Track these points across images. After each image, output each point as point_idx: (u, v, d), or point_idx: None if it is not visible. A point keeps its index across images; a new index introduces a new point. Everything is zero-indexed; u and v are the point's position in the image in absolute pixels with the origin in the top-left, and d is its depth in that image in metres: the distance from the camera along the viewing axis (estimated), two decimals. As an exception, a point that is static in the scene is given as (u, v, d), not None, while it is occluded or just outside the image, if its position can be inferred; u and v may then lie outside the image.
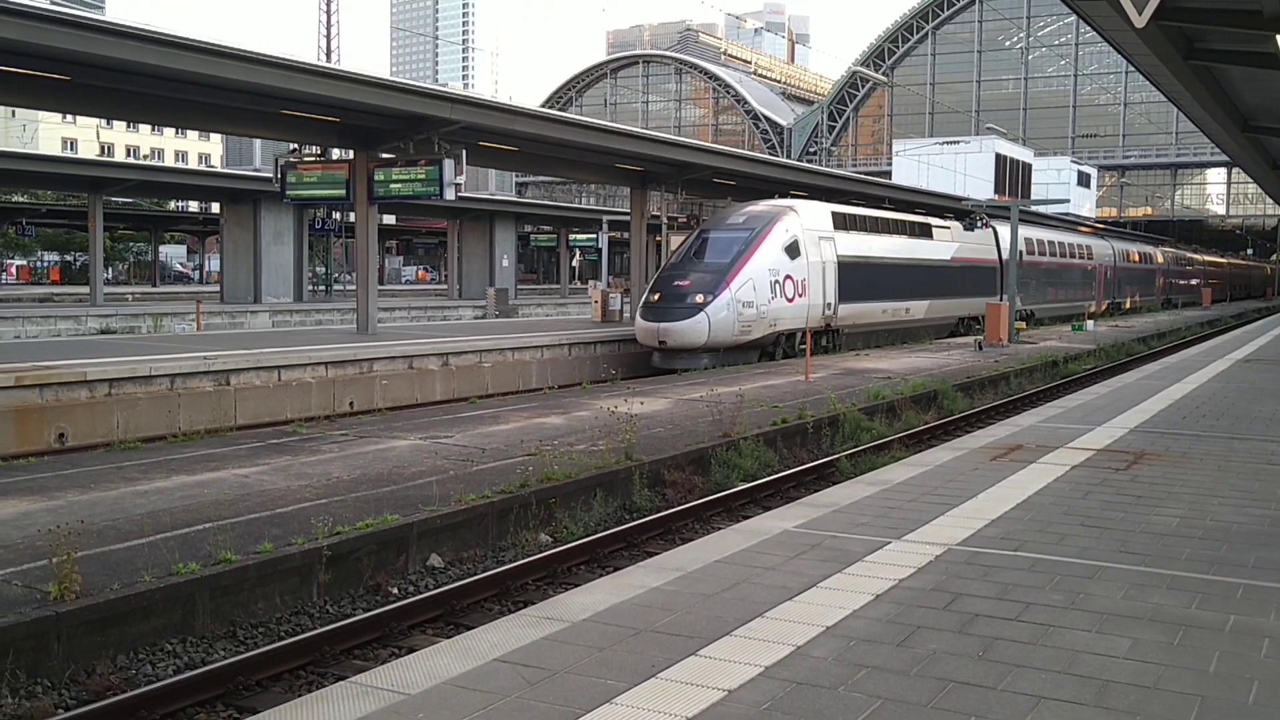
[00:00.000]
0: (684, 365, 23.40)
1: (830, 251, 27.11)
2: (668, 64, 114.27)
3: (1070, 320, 43.35)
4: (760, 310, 24.32)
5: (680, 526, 11.25)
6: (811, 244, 26.30)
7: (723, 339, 23.73)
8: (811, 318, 26.30)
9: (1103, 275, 50.90)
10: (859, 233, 29.30)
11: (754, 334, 24.49)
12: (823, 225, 27.44)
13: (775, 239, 25.26)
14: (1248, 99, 24.04)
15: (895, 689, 4.82)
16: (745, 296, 23.96)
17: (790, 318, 25.57)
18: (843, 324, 28.17)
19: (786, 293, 25.09)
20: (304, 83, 18.50)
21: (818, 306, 26.54)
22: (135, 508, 9.47)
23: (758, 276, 24.32)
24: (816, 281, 26.31)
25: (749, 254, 24.55)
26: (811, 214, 27.32)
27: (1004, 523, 8.08)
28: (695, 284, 23.93)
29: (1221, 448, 11.77)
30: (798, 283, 25.51)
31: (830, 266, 26.98)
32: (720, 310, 23.54)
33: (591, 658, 5.21)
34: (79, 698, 6.72)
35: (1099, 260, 51.15)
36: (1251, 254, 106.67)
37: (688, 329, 23.44)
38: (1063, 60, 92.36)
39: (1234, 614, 5.96)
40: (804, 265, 25.81)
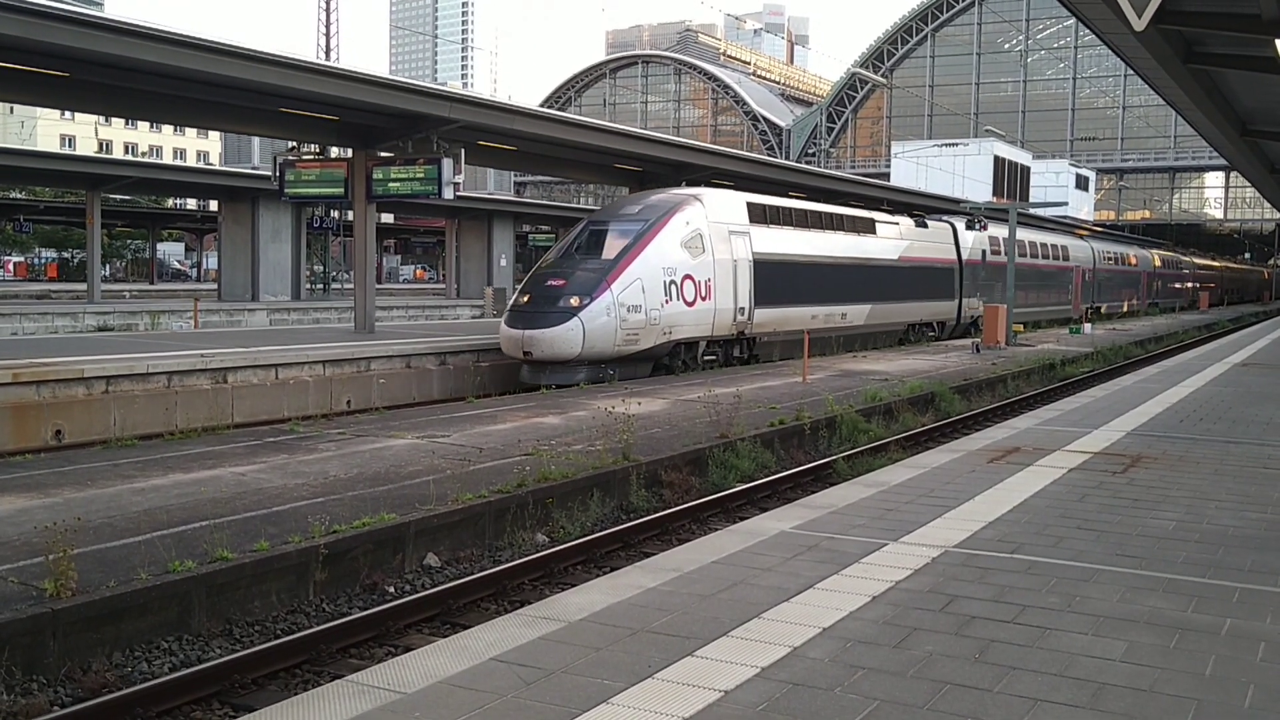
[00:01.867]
0: (554, 381, 19.81)
1: (744, 248, 23.84)
2: (667, 64, 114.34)
3: (1040, 326, 41.42)
4: (651, 316, 20.94)
5: (677, 527, 11.25)
6: (720, 239, 23.05)
7: (602, 349, 20.34)
8: (719, 324, 23.06)
9: (1080, 278, 48.51)
10: (782, 227, 25.84)
11: (642, 343, 21.07)
12: (735, 218, 24.07)
13: (672, 232, 21.97)
14: (1246, 103, 24.06)
15: (892, 690, 4.83)
16: (631, 299, 20.57)
17: (690, 324, 22.19)
18: (760, 331, 24.67)
19: (686, 295, 21.77)
20: (303, 81, 18.49)
21: (727, 311, 23.16)
22: (132, 505, 9.46)
23: (648, 276, 21.01)
24: (725, 282, 22.99)
25: (638, 250, 21.24)
26: (721, 205, 23.95)
27: (1001, 525, 8.09)
28: (571, 284, 20.57)
29: (1218, 451, 11.78)
30: (700, 284, 22.21)
31: (744, 265, 23.66)
32: (598, 316, 20.11)
33: (588, 658, 5.21)
34: (74, 695, 6.71)
35: (1077, 262, 48.52)
36: (1249, 258, 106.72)
37: (557, 338, 19.90)
38: (1061, 63, 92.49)
39: (1230, 617, 5.97)
40: (709, 263, 22.55)
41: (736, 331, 23.78)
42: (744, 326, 23.95)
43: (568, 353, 19.99)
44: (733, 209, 24.26)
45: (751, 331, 24.31)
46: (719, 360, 23.63)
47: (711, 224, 22.92)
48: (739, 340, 24.24)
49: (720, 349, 23.73)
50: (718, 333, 23.14)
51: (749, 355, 24.83)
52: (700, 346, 22.98)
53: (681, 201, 22.98)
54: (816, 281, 26.74)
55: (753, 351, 24.87)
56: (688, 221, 22.40)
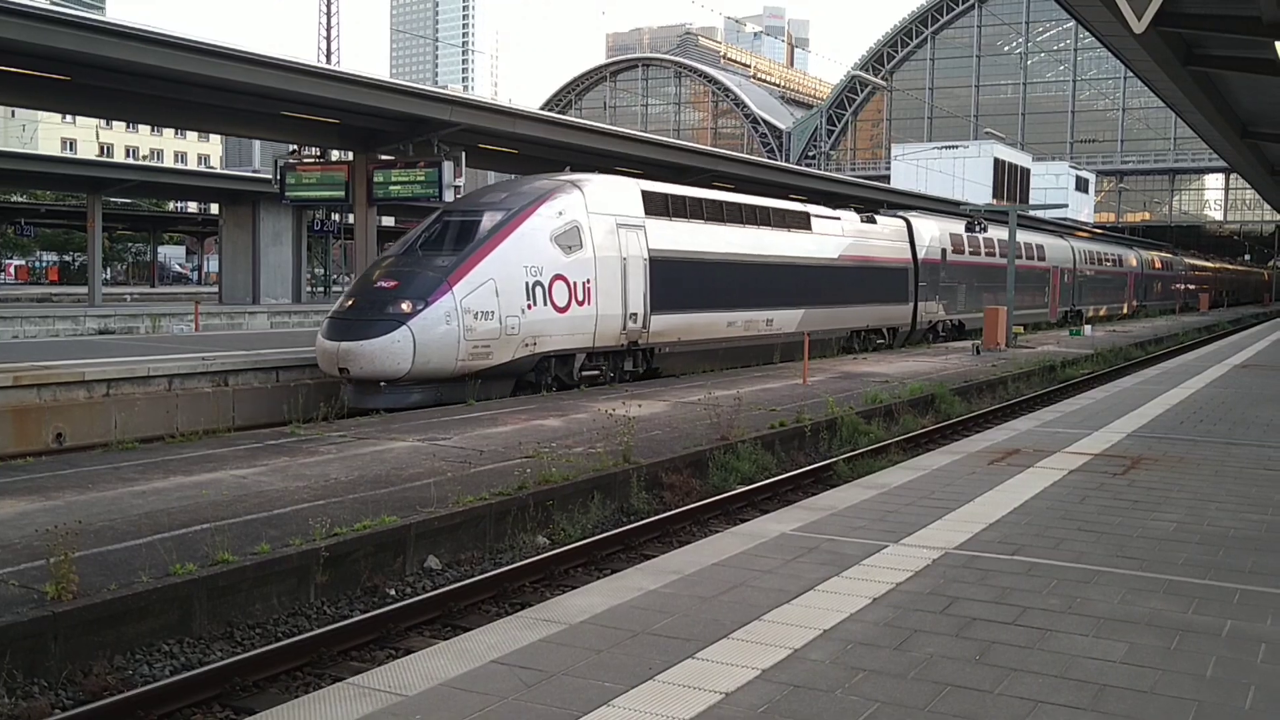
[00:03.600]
0: (380, 404, 16.51)
1: (638, 244, 20.60)
2: (667, 67, 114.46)
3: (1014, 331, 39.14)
4: (507, 324, 17.55)
5: (678, 529, 11.25)
6: (604, 233, 19.79)
7: (439, 365, 16.84)
8: (602, 333, 19.70)
9: (1058, 279, 45.37)
10: (688, 220, 22.56)
11: (496, 357, 17.55)
12: (626, 209, 20.71)
13: (539, 225, 18.59)
14: (1246, 105, 24.09)
15: (892, 692, 4.83)
16: (480, 304, 17.16)
17: (562, 334, 18.80)
18: (659, 341, 21.43)
19: (556, 299, 18.45)
20: (304, 84, 18.51)
21: (614, 318, 19.88)
22: (133, 508, 9.47)
23: (504, 276, 17.63)
24: (611, 284, 19.75)
25: (492, 244, 17.86)
26: (607, 193, 20.56)
27: (1001, 527, 8.09)
28: (405, 286, 17.12)
29: (1218, 453, 11.78)
30: (576, 285, 18.92)
31: (637, 264, 20.46)
32: (435, 324, 16.61)
33: (589, 660, 5.21)
34: (76, 698, 6.72)
35: (1054, 262, 45.18)
36: (1249, 259, 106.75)
37: (379, 352, 16.25)
38: (1061, 65, 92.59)
39: (1231, 619, 5.97)
40: (588, 262, 19.26)
41: (627, 342, 20.43)
42: (637, 336, 20.64)
43: (392, 369, 16.43)
44: (623, 199, 20.90)
45: (648, 341, 21.07)
46: (604, 376, 20.33)
47: (594, 215, 19.63)
48: (631, 352, 20.91)
49: (606, 362, 20.42)
50: (601, 343, 19.78)
51: (646, 369, 21.57)
52: (577, 360, 19.50)
53: (555, 189, 19.63)
54: (734, 283, 23.54)
55: (651, 365, 21.62)
56: (561, 211, 19.06)
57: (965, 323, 36.22)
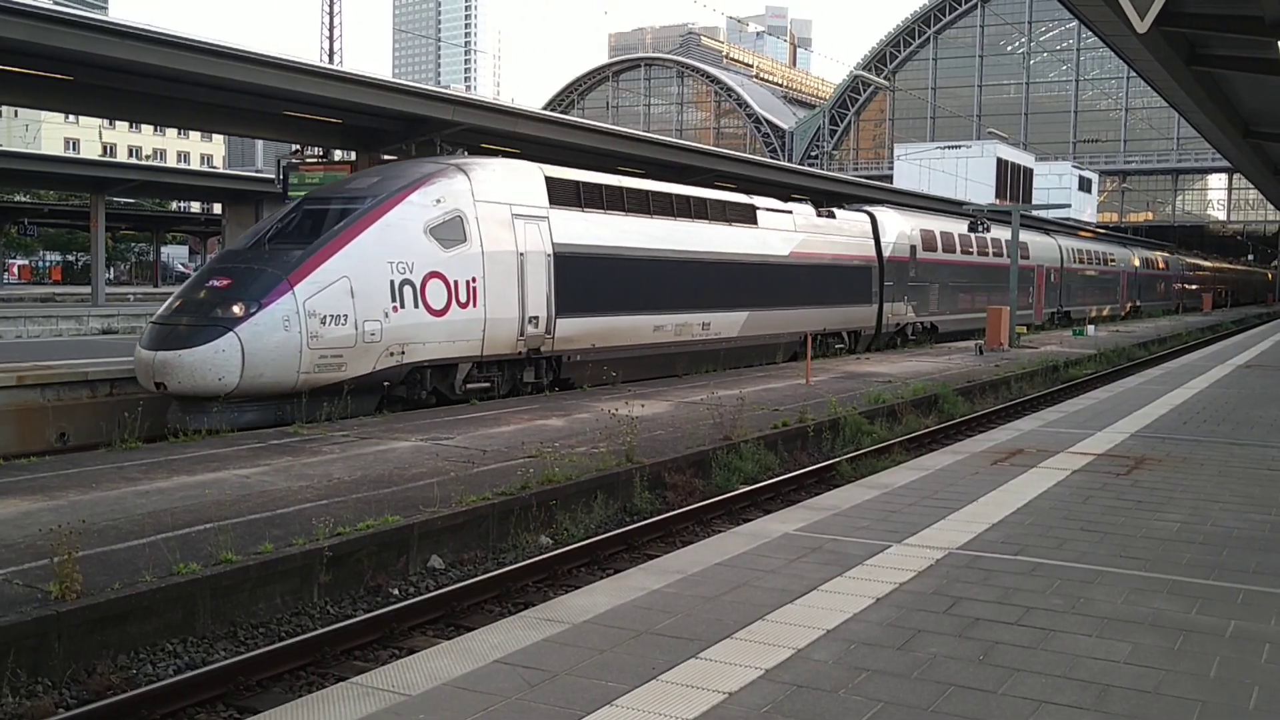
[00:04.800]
0: (210, 425, 14.00)
1: (540, 238, 18.24)
2: (669, 67, 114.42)
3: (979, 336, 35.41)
4: (366, 329, 15.20)
5: (681, 529, 11.26)
6: (496, 225, 17.41)
7: (277, 378, 14.46)
8: (493, 339, 17.28)
9: (1043, 279, 42.95)
10: (603, 212, 20.18)
11: (352, 368, 15.16)
12: (524, 198, 18.29)
13: (409, 215, 16.27)
14: (1249, 104, 24.08)
15: (896, 692, 4.83)
16: (329, 306, 14.80)
17: (440, 340, 16.34)
18: (568, 347, 19.01)
19: (431, 301, 16.10)
20: (307, 84, 18.51)
21: (507, 323, 17.47)
22: (136, 508, 9.48)
23: (361, 273, 15.31)
24: (504, 283, 17.35)
25: (348, 236, 15.50)
26: (500, 180, 18.07)
27: (1005, 527, 8.09)
28: (239, 285, 14.75)
29: (1222, 453, 11.78)
30: (458, 285, 16.55)
31: (538, 260, 18.08)
32: (270, 330, 14.28)
33: (592, 659, 5.22)
34: (79, 697, 6.73)
35: (1039, 260, 42.56)
36: (1252, 260, 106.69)
37: (200, 363, 13.88)
38: (1064, 65, 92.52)
39: (1234, 619, 5.97)
40: (474, 258, 16.86)
41: (526, 349, 18.09)
42: (539, 342, 18.30)
43: (214, 384, 13.99)
44: (521, 186, 18.44)
45: (554, 348, 18.71)
46: (496, 389, 17.94)
47: (482, 204, 17.24)
48: (531, 360, 18.55)
49: (500, 373, 18.05)
50: (492, 350, 17.41)
51: (554, 379, 19.21)
52: (460, 371, 17.06)
53: (434, 173, 17.28)
54: (662, 283, 21.25)
55: (559, 375, 19.26)
56: (439, 200, 16.71)
57: (938, 325, 33.98)
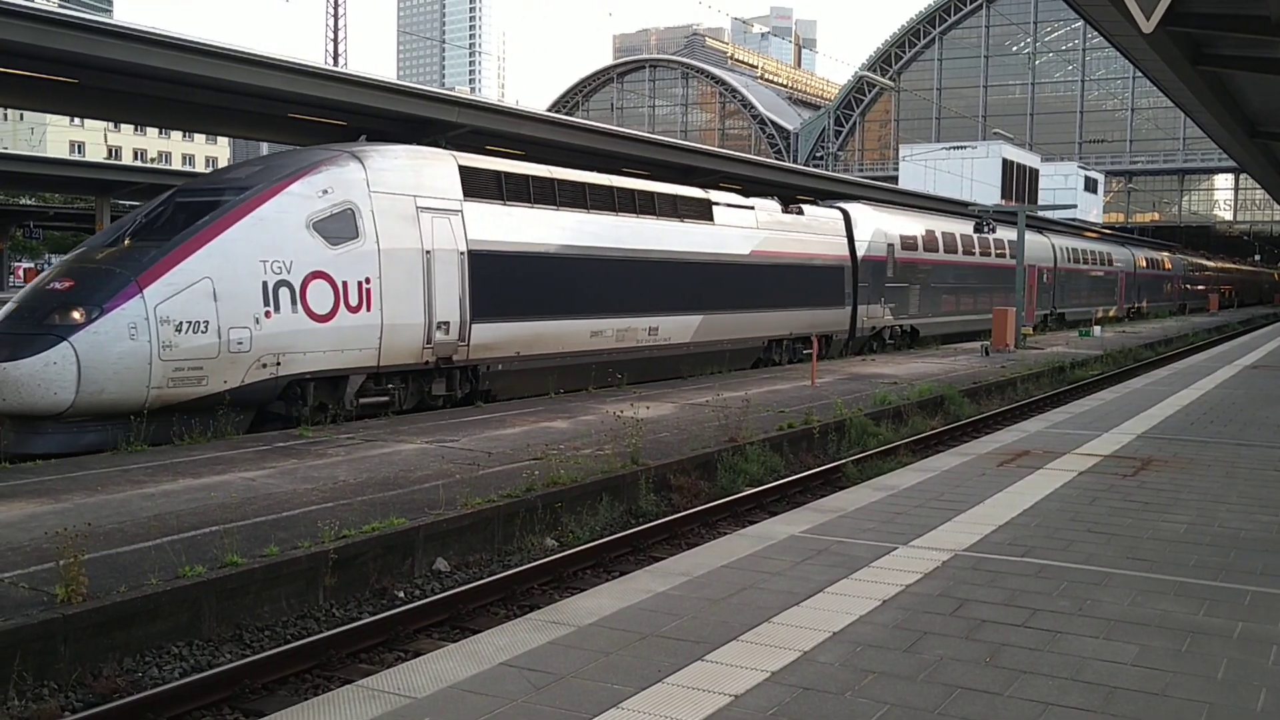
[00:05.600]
0: (37, 449, 12.47)
1: (450, 234, 16.42)
2: (674, 68, 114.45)
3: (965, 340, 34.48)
4: (233, 337, 13.51)
5: (686, 531, 11.25)
6: (396, 220, 15.66)
7: (122, 394, 12.75)
8: (392, 348, 15.47)
9: (1035, 279, 40.54)
10: (529, 206, 18.30)
11: (215, 382, 13.43)
12: (431, 189, 16.46)
13: (288, 207, 14.51)
14: (1256, 104, 24.03)
15: (902, 694, 4.82)
16: (186, 311, 13.09)
17: (326, 349, 14.56)
18: (487, 356, 17.23)
19: (314, 305, 14.37)
20: (311, 86, 18.54)
21: (410, 329, 15.67)
22: (142, 510, 9.49)
23: (227, 274, 13.57)
24: (407, 284, 15.64)
25: (212, 232, 13.76)
26: (402, 170, 16.23)
27: (1011, 529, 8.07)
28: (82, 286, 13.12)
29: (1229, 454, 11.75)
30: (348, 287, 14.81)
31: (449, 259, 16.31)
32: (113, 339, 12.62)
33: (598, 662, 5.21)
34: (86, 700, 6.73)
35: (1031, 260, 39.84)
36: (1259, 260, 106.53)
37: (28, 378, 12.24)
38: (1070, 65, 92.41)
39: (1242, 621, 5.95)
40: (368, 256, 15.13)
41: (435, 358, 16.28)
42: (451, 350, 16.46)
43: (47, 402, 12.33)
44: (428, 176, 16.57)
45: (469, 357, 16.89)
46: (398, 403, 16.05)
47: (379, 196, 15.51)
48: (443, 371, 16.73)
49: (403, 385, 16.17)
50: (392, 360, 15.57)
51: (471, 391, 17.33)
52: (351, 383, 15.19)
53: (321, 161, 15.45)
54: (601, 284, 19.54)
55: (476, 386, 17.37)
56: (325, 190, 14.92)
57: (919, 329, 32.30)
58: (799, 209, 26.86)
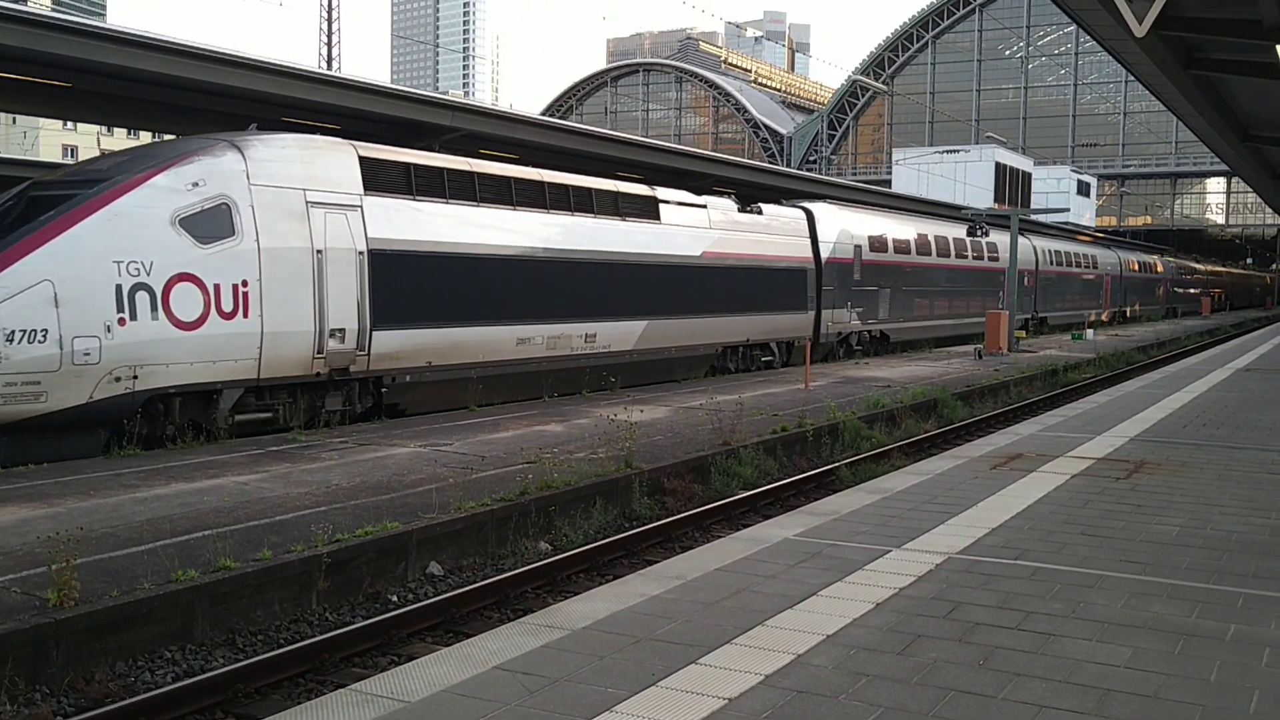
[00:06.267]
0: None
1: (347, 232, 14.98)
2: (668, 72, 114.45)
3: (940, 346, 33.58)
4: (79, 347, 12.12)
5: (680, 534, 11.25)
6: (281, 216, 14.19)
7: None
8: (275, 358, 14.00)
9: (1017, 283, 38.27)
10: (442, 201, 16.78)
11: (57, 399, 12.08)
12: (325, 182, 14.93)
13: (149, 201, 13.09)
14: (1247, 108, 24.12)
15: (896, 697, 4.82)
16: (19, 318, 11.74)
17: (194, 360, 13.16)
18: (392, 366, 15.72)
19: (179, 310, 12.93)
20: (304, 90, 18.53)
21: (297, 337, 14.24)
22: (134, 515, 9.47)
23: (71, 276, 12.17)
24: (295, 288, 14.20)
25: (56, 229, 12.36)
26: (289, 160, 14.70)
27: (1004, 531, 8.08)
28: None
29: (1222, 457, 11.77)
30: (220, 290, 13.36)
31: (345, 259, 14.88)
32: None
33: (591, 666, 5.21)
34: (78, 705, 6.71)
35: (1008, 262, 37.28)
36: (1251, 263, 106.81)
37: None
38: (1063, 69, 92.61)
39: (1235, 623, 5.96)
40: (247, 255, 13.68)
41: (329, 369, 14.78)
42: (348, 360, 14.99)
43: None
44: (321, 168, 15.06)
45: (370, 368, 15.38)
46: (283, 420, 14.55)
47: (261, 189, 14.05)
48: (340, 383, 15.19)
49: (291, 400, 14.67)
50: (276, 372, 14.11)
51: (375, 405, 15.88)
52: (225, 398, 13.71)
53: (193, 151, 13.94)
54: (527, 287, 17.96)
55: (380, 400, 15.91)
56: (197, 183, 13.46)
57: (889, 334, 30.97)
58: (757, 208, 25.50)
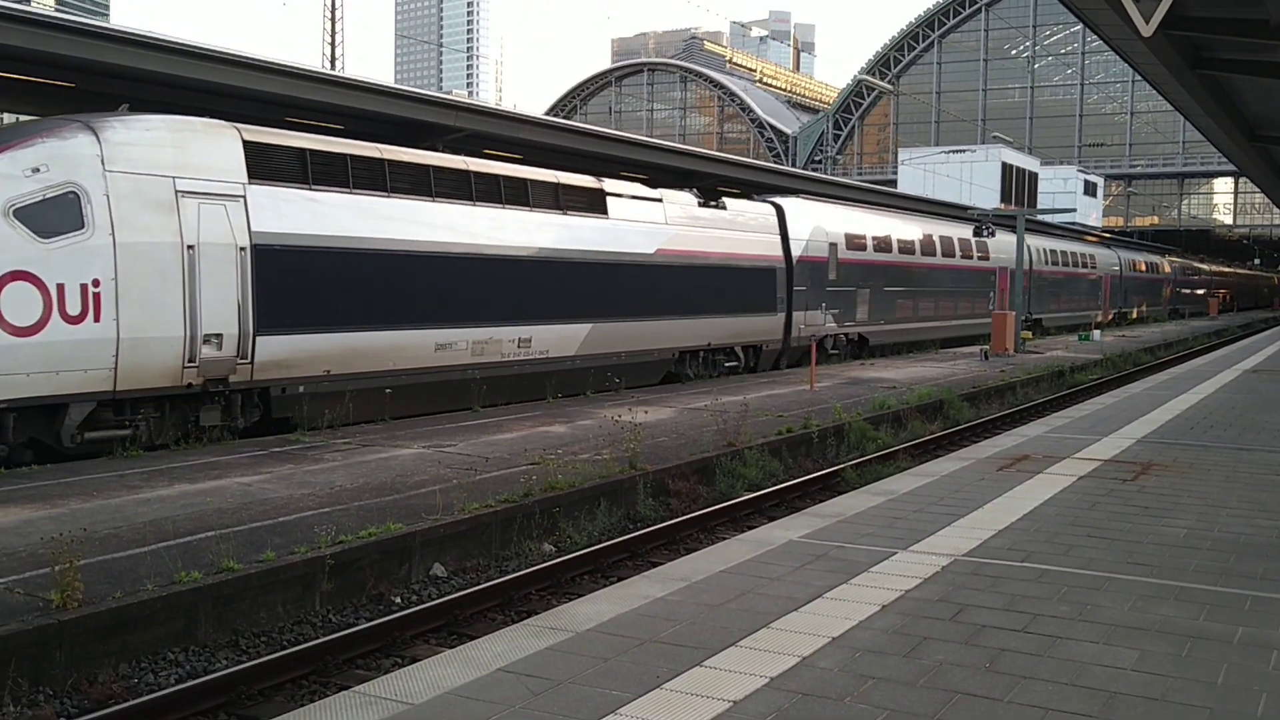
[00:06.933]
0: None
1: (227, 225, 13.49)
2: (672, 72, 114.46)
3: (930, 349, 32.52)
4: None
5: (684, 536, 11.22)
6: (140, 206, 12.65)
7: None
8: (136, 368, 12.48)
9: (1007, 283, 37.33)
10: (343, 191, 15.23)
11: None
12: (201, 169, 13.43)
13: None
14: (1255, 108, 24.05)
15: (902, 700, 4.79)
16: None
17: (31, 371, 11.68)
18: (281, 376, 14.24)
19: (11, 315, 11.52)
20: (309, 90, 18.52)
21: (162, 343, 12.73)
22: (138, 515, 9.46)
23: None
24: (157, 288, 12.64)
25: None
26: (158, 144, 13.17)
27: (1011, 533, 8.05)
28: None
29: (1229, 458, 11.73)
30: (65, 290, 11.89)
31: (223, 255, 13.37)
32: None
33: (595, 668, 5.18)
34: (81, 706, 6.70)
35: (1002, 262, 36.89)
36: (1259, 264, 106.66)
37: None
38: (1069, 69, 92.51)
39: (1242, 625, 5.93)
40: (99, 251, 12.22)
41: (201, 380, 13.23)
42: (226, 369, 13.47)
43: None
44: (196, 153, 13.49)
45: (255, 377, 13.90)
46: (146, 436, 13.00)
47: (118, 176, 12.53)
48: (217, 396, 13.66)
49: (157, 414, 13.14)
50: (136, 383, 12.56)
51: (263, 419, 14.38)
52: (72, 414, 12.26)
53: (38, 133, 12.59)
54: (448, 287, 16.50)
55: (269, 413, 14.40)
56: (38, 168, 12.04)
57: (868, 337, 29.29)
58: (720, 203, 23.84)
